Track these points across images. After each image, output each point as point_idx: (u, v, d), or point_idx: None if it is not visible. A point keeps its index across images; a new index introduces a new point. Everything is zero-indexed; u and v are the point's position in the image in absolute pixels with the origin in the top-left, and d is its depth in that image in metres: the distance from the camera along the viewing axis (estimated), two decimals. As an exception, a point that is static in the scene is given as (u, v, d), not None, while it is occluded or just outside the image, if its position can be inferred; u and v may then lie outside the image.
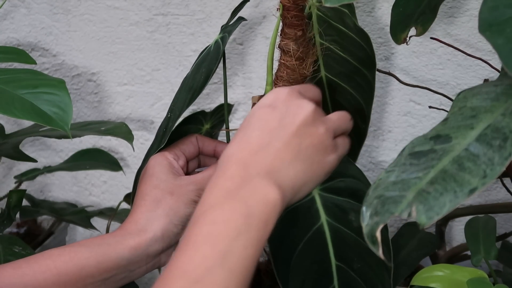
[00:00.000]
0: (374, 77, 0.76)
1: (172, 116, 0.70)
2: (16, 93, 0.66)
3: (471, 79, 0.99)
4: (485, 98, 0.50)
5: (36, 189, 1.24)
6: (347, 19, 0.71)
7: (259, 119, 0.57)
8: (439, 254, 0.96)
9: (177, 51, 1.07)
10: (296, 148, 0.56)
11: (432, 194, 0.43)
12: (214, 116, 0.84)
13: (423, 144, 0.49)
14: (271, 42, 0.69)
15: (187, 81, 0.72)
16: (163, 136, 0.69)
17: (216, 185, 0.52)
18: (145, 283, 1.20)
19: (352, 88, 0.78)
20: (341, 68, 0.76)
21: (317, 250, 0.66)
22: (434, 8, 0.74)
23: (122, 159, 1.18)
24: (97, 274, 0.60)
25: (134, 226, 0.64)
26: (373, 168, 1.08)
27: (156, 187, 0.66)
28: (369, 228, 0.44)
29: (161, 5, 1.04)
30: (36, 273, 0.58)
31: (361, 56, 0.74)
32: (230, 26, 0.74)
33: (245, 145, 0.55)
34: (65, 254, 0.60)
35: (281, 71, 0.70)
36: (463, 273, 0.70)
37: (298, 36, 0.67)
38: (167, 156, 0.68)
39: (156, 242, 0.64)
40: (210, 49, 0.72)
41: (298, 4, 0.65)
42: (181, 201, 0.65)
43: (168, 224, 0.64)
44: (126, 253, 0.62)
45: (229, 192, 0.51)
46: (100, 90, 1.13)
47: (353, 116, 0.80)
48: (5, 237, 0.84)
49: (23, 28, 1.11)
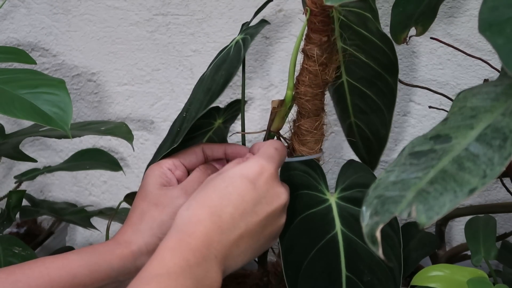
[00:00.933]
0: (396, 83, 0.74)
1: (187, 116, 0.69)
2: (16, 93, 0.66)
3: (471, 79, 0.99)
4: (485, 98, 0.50)
5: (36, 189, 1.24)
6: (370, 24, 0.70)
7: (237, 192, 0.57)
8: (439, 254, 0.96)
9: (177, 51, 1.07)
10: (256, 238, 0.58)
11: (432, 194, 0.43)
12: (227, 112, 0.84)
13: (423, 144, 0.49)
14: (295, 47, 0.67)
15: (205, 81, 0.70)
16: (177, 135, 0.68)
17: (179, 250, 0.52)
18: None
19: (374, 93, 0.77)
20: (363, 73, 0.75)
21: (329, 258, 0.65)
22: (434, 8, 0.74)
23: (122, 159, 1.18)
24: (89, 283, 0.60)
25: (122, 237, 0.65)
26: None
27: (143, 199, 0.66)
28: (369, 228, 0.44)
29: (161, 5, 1.04)
30: (29, 280, 0.58)
31: (383, 61, 0.73)
32: (252, 28, 0.72)
33: (216, 218, 0.55)
34: (58, 262, 0.60)
35: (303, 75, 0.69)
36: (463, 273, 0.70)
37: (323, 42, 0.67)
38: (162, 166, 0.68)
39: (142, 255, 0.64)
40: (230, 49, 0.71)
41: (326, 9, 0.64)
42: (165, 213, 0.65)
43: (151, 237, 0.64)
44: (115, 264, 0.62)
45: (188, 266, 0.51)
46: (100, 90, 1.13)
47: (373, 122, 0.80)
48: (5, 237, 0.84)
49: (23, 28, 1.11)
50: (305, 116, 0.72)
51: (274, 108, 0.71)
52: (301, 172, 0.69)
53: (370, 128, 0.82)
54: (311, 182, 0.69)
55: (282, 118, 0.72)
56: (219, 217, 0.55)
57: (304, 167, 0.70)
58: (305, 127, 0.72)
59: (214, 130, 0.82)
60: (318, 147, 0.73)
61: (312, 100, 0.70)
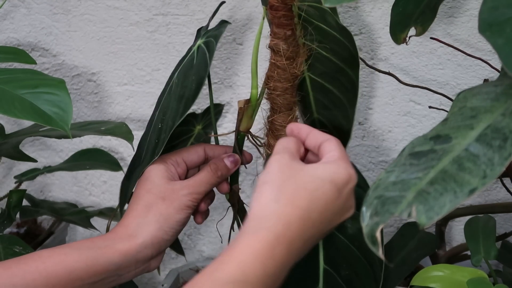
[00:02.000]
0: (358, 77, 0.74)
1: (164, 126, 0.69)
2: (16, 93, 0.66)
3: (471, 79, 0.99)
4: (485, 98, 0.50)
5: (36, 189, 1.24)
6: (329, 18, 0.70)
7: (324, 199, 0.54)
8: (439, 254, 0.96)
9: (177, 51, 1.07)
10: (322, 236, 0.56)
11: (432, 194, 0.43)
12: (206, 117, 0.84)
13: (423, 144, 0.49)
14: (255, 45, 0.68)
15: (175, 89, 0.70)
16: (156, 146, 0.68)
17: (262, 257, 0.50)
18: (145, 283, 1.20)
19: (336, 88, 0.76)
20: (325, 68, 0.75)
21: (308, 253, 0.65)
22: (433, 8, 0.74)
23: (122, 159, 1.18)
24: (86, 277, 0.60)
25: (124, 230, 0.64)
26: (373, 168, 1.08)
27: (149, 191, 0.66)
28: (369, 228, 0.44)
29: (161, 5, 1.04)
30: (26, 274, 0.58)
31: (344, 55, 0.73)
32: (213, 30, 0.72)
33: (301, 224, 0.52)
34: (55, 256, 0.60)
35: (272, 70, 0.70)
36: (463, 273, 0.70)
37: (288, 36, 0.67)
38: (166, 161, 0.68)
39: (145, 248, 0.63)
40: (193, 55, 0.71)
41: (287, 3, 0.65)
42: (173, 207, 0.65)
43: (158, 230, 0.64)
44: (116, 258, 0.62)
45: (266, 276, 0.49)
46: (100, 90, 1.13)
47: (336, 117, 0.79)
48: (5, 237, 0.84)
49: (23, 28, 1.11)
50: (278, 111, 0.72)
51: (240, 108, 0.72)
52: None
53: (333, 123, 0.81)
54: None
55: (250, 118, 0.73)
56: (304, 224, 0.53)
57: None
58: (279, 122, 0.73)
59: (195, 137, 0.82)
60: None
61: (282, 95, 0.71)
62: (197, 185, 0.67)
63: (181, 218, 0.65)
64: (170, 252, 1.09)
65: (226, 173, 0.70)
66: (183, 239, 1.18)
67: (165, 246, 0.66)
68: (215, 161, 0.70)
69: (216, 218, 1.05)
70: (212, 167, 0.69)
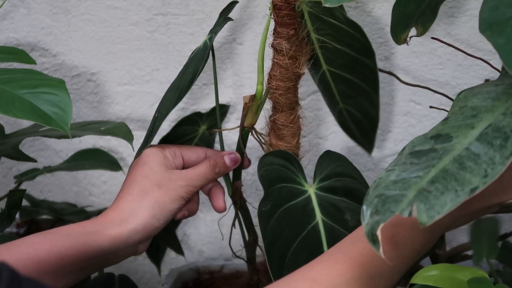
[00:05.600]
0: (375, 64, 0.77)
1: (159, 115, 0.70)
2: (16, 93, 0.66)
3: (472, 79, 0.99)
4: (486, 97, 0.50)
5: (36, 189, 1.24)
6: (337, 13, 0.71)
7: None
8: (439, 254, 0.96)
9: (177, 51, 1.07)
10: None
11: (433, 193, 0.43)
12: (211, 117, 0.84)
13: (423, 143, 0.49)
14: (262, 42, 0.69)
15: (175, 82, 0.73)
16: (150, 135, 0.70)
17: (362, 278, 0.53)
18: (145, 283, 1.20)
19: (356, 77, 0.79)
20: (341, 60, 0.77)
21: (311, 248, 0.65)
22: (434, 8, 0.74)
23: (122, 159, 1.18)
24: (77, 262, 0.61)
25: (117, 215, 0.64)
26: (373, 168, 1.08)
27: (146, 177, 0.66)
28: (369, 227, 0.44)
29: (161, 5, 1.04)
30: (17, 261, 0.58)
31: (357, 46, 0.75)
32: (215, 26, 0.74)
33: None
34: (46, 243, 0.60)
35: (274, 70, 0.71)
36: (464, 273, 0.70)
37: (291, 35, 0.68)
38: (165, 149, 0.68)
39: (136, 233, 0.63)
40: (198, 50, 0.73)
41: (290, 3, 0.66)
42: (168, 196, 0.65)
43: (151, 217, 0.64)
44: (106, 243, 0.62)
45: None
46: (100, 90, 1.13)
47: (362, 104, 0.81)
48: (5, 237, 0.84)
49: (23, 28, 1.11)
50: (280, 110, 0.73)
51: (245, 104, 0.72)
52: (279, 166, 0.70)
53: (360, 110, 0.83)
54: (289, 175, 0.70)
55: (255, 113, 0.73)
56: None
57: (281, 161, 0.71)
58: (281, 121, 0.73)
59: (200, 137, 0.82)
60: (295, 141, 0.74)
61: (285, 94, 0.72)
62: (194, 178, 0.67)
63: (174, 208, 0.65)
64: (170, 252, 1.09)
65: (224, 171, 0.70)
66: (183, 239, 1.18)
67: (155, 232, 0.66)
68: (214, 157, 0.70)
69: (217, 216, 1.05)
70: (211, 162, 0.69)
